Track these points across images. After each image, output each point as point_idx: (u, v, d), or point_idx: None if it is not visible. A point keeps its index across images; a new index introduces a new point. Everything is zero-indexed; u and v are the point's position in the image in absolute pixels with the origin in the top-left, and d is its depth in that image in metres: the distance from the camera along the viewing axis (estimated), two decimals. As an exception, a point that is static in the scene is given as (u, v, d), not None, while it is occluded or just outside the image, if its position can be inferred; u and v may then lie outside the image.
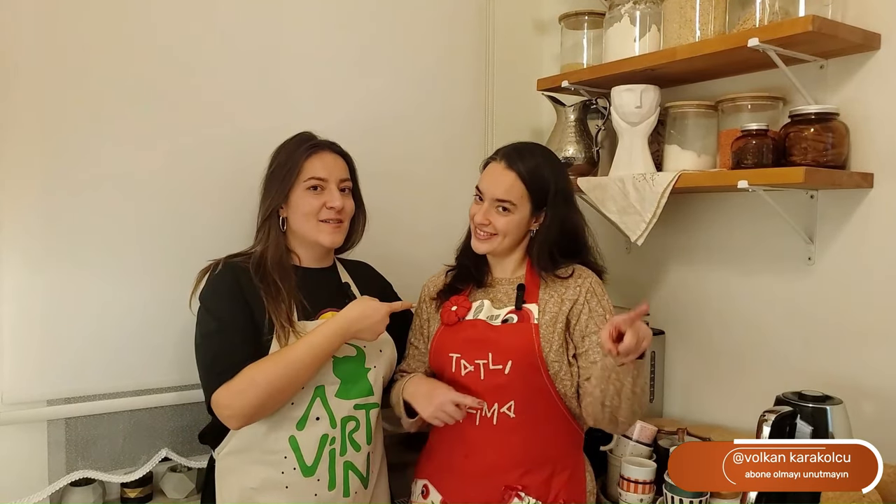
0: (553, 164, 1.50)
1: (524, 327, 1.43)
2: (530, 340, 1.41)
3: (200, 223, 1.67)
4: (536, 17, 2.28)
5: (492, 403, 1.42)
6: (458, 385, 1.45)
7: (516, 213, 1.45)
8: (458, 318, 1.49)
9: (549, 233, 1.47)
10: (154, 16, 1.63)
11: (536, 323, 1.43)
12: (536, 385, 1.41)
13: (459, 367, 1.45)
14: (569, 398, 1.43)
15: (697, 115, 1.74)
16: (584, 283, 1.46)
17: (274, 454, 1.39)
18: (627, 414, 1.35)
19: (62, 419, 1.57)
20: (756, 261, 1.77)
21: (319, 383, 1.41)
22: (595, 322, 1.43)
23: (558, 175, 1.49)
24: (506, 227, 1.46)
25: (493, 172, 1.47)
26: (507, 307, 1.47)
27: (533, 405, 1.42)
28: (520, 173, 1.44)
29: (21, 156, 1.50)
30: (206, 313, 1.41)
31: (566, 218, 1.48)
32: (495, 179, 1.46)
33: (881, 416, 1.52)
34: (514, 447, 1.42)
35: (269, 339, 1.38)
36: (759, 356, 1.76)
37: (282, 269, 1.45)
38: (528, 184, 1.45)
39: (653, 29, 1.78)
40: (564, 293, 1.46)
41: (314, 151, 1.47)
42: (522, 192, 1.45)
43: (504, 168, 1.46)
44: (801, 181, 1.42)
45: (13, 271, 1.50)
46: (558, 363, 1.41)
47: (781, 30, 1.45)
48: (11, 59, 1.48)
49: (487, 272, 1.55)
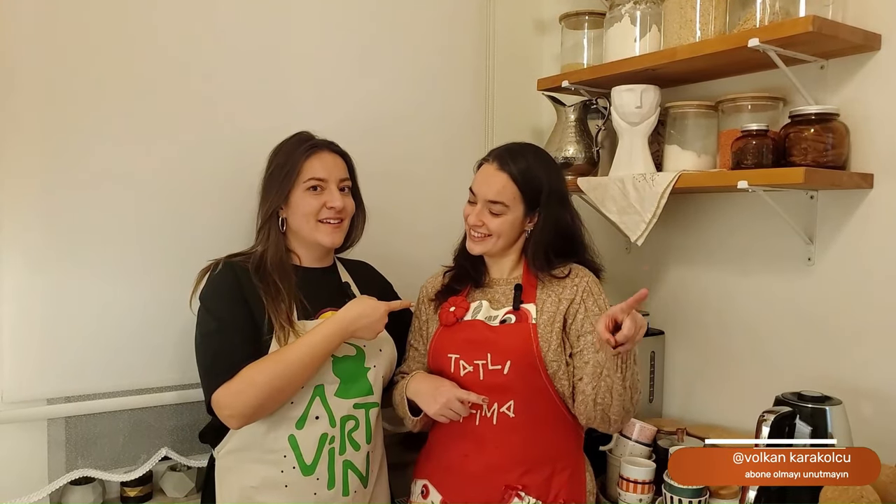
0: (546, 165, 1.50)
1: (522, 327, 1.43)
2: (528, 340, 1.41)
3: (200, 223, 1.67)
4: (537, 17, 2.28)
5: (491, 403, 1.42)
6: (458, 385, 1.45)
7: (509, 214, 1.45)
8: (457, 318, 1.49)
9: (544, 233, 1.47)
10: (154, 16, 1.63)
11: (534, 323, 1.43)
12: (535, 385, 1.41)
13: (458, 368, 1.45)
14: (567, 398, 1.43)
15: (697, 116, 1.74)
16: (580, 282, 1.46)
17: (273, 453, 1.39)
18: (619, 411, 1.35)
19: (62, 418, 1.57)
20: (756, 261, 1.77)
21: (319, 382, 1.41)
22: (591, 322, 1.43)
23: (551, 175, 1.49)
24: (499, 228, 1.46)
25: (485, 174, 1.48)
26: (505, 308, 1.47)
27: (532, 405, 1.42)
28: (511, 174, 1.45)
29: (21, 155, 1.50)
30: (206, 313, 1.41)
31: (560, 218, 1.48)
32: (487, 181, 1.47)
33: (880, 416, 1.52)
34: (513, 447, 1.42)
35: (268, 338, 1.38)
36: (759, 356, 1.76)
37: (282, 270, 1.45)
38: (520, 185, 1.45)
39: (653, 29, 1.78)
40: (562, 293, 1.46)
41: (313, 152, 1.47)
42: (515, 193, 1.45)
43: (496, 169, 1.46)
44: (801, 182, 1.42)
45: (13, 271, 1.50)
46: (556, 363, 1.41)
47: (782, 30, 1.45)
48: (11, 58, 1.48)
49: (485, 272, 1.55)
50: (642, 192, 1.70)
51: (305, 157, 1.46)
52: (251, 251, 1.51)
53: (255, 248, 1.51)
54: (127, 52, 1.59)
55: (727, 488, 1.54)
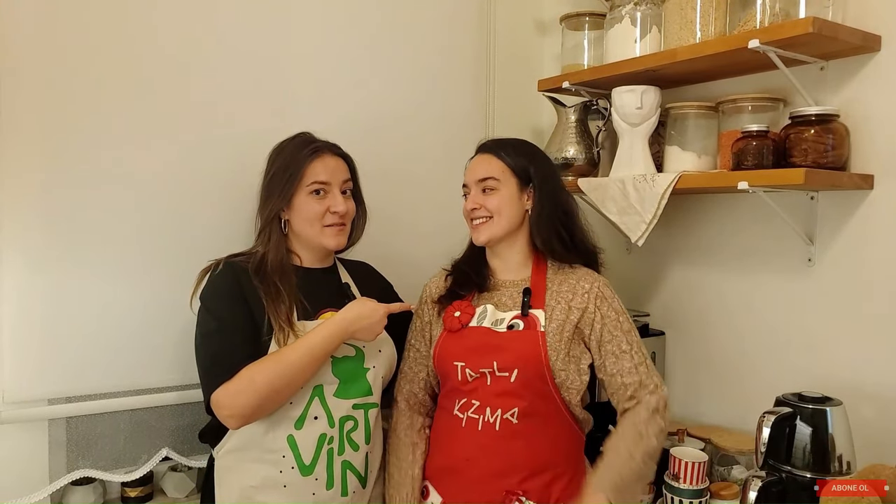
0: (529, 145, 1.55)
1: (531, 335, 1.41)
2: (537, 349, 1.40)
3: (201, 223, 1.67)
4: (537, 18, 2.28)
5: (495, 409, 1.40)
6: (463, 393, 1.44)
7: (503, 189, 1.47)
8: (462, 324, 1.46)
9: (545, 207, 1.47)
10: (154, 16, 1.63)
11: (543, 330, 1.41)
12: (542, 393, 1.40)
13: (465, 376, 1.44)
14: (573, 405, 1.42)
15: (698, 117, 1.74)
16: (591, 288, 1.45)
17: (272, 453, 1.39)
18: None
19: (63, 418, 1.57)
20: (756, 262, 1.77)
21: (318, 383, 1.41)
22: (609, 328, 1.43)
23: (536, 153, 1.54)
24: (497, 205, 1.46)
25: (472, 164, 1.54)
26: (512, 311, 1.46)
27: (537, 412, 1.41)
28: (495, 153, 1.50)
29: (21, 155, 1.50)
30: (206, 313, 1.41)
31: (557, 191, 1.50)
32: (474, 167, 1.52)
33: (881, 417, 1.52)
34: (515, 453, 1.41)
35: (268, 339, 1.38)
36: (759, 357, 1.76)
37: (282, 272, 1.45)
38: (505, 160, 1.48)
39: (653, 30, 1.78)
40: (572, 300, 1.45)
41: (316, 155, 1.47)
42: (502, 167, 1.48)
43: (480, 155, 1.53)
44: (801, 182, 1.42)
45: (14, 271, 1.50)
46: (565, 372, 1.40)
47: (782, 31, 1.45)
48: (11, 58, 1.48)
49: (489, 276, 1.53)
50: (643, 193, 1.70)
51: (308, 161, 1.46)
52: (252, 252, 1.50)
53: (255, 249, 1.50)
54: (127, 52, 1.59)
55: (728, 489, 1.54)
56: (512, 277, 1.51)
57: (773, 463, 1.37)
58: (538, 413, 1.41)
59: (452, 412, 1.45)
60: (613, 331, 1.43)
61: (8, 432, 1.53)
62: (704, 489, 1.51)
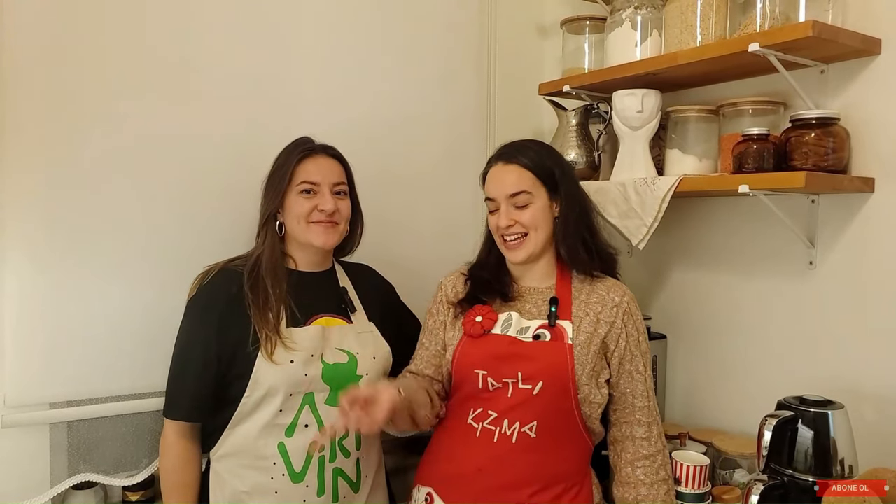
0: (549, 149, 1.50)
1: (558, 347, 1.37)
2: (564, 362, 1.36)
3: (204, 225, 1.68)
4: (538, 22, 2.28)
5: (513, 422, 1.36)
6: (480, 401, 1.41)
7: (537, 201, 1.41)
8: (484, 330, 1.41)
9: (571, 212, 1.42)
10: (157, 18, 1.63)
11: (570, 343, 1.37)
12: (563, 408, 1.37)
13: (486, 385, 1.39)
14: (592, 419, 1.40)
15: (699, 120, 1.75)
16: (621, 302, 1.42)
17: (264, 460, 1.39)
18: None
19: (64, 422, 1.57)
20: (757, 265, 1.77)
21: (309, 390, 1.41)
22: (631, 348, 1.41)
23: (558, 157, 1.49)
24: (532, 219, 1.41)
25: (496, 174, 1.45)
26: (539, 320, 1.41)
27: (555, 426, 1.38)
28: (522, 163, 1.42)
29: (24, 157, 1.51)
30: (183, 323, 1.44)
31: (577, 190, 1.46)
32: (501, 178, 1.43)
33: (883, 420, 1.52)
34: (529, 466, 1.37)
35: (254, 349, 1.38)
36: (761, 360, 1.76)
37: (274, 275, 1.44)
38: (533, 170, 1.42)
39: (654, 34, 1.79)
40: (601, 312, 1.41)
41: (307, 155, 1.48)
42: (532, 178, 1.41)
43: (504, 165, 1.44)
44: (802, 186, 1.42)
45: (16, 273, 1.51)
46: (588, 386, 1.37)
47: (782, 35, 1.45)
48: (12, 58, 1.49)
49: (511, 283, 1.48)
50: (644, 197, 1.70)
51: (299, 161, 1.47)
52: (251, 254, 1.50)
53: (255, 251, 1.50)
54: (129, 53, 1.60)
55: (730, 492, 1.54)
56: (536, 285, 1.47)
57: (774, 466, 1.36)
58: (556, 427, 1.38)
59: (466, 420, 1.41)
60: (634, 350, 1.42)
61: (9, 436, 1.53)
62: (706, 493, 1.51)
